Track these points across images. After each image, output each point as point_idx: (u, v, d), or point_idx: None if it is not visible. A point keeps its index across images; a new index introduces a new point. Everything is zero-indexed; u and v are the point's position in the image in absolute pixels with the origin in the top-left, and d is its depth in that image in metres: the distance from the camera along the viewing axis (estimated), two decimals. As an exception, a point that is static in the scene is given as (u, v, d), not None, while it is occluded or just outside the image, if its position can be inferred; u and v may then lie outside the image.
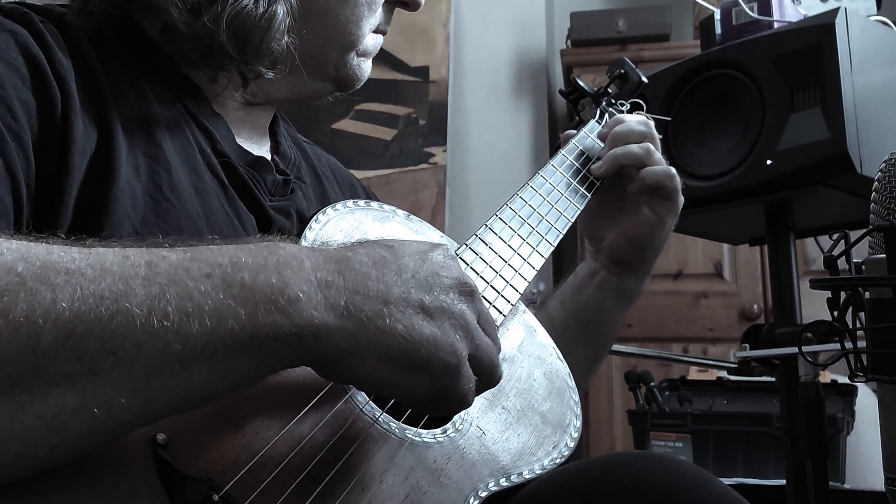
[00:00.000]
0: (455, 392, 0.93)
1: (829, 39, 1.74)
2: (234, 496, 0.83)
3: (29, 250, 0.76)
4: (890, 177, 1.10)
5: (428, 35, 4.59)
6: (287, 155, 1.36)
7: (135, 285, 0.76)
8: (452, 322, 0.92)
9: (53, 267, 0.74)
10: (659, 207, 1.51)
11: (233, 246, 0.85)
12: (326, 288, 0.85)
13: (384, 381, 0.89)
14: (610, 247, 1.56)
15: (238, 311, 0.80)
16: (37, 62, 1.04)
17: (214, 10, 1.15)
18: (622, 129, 1.54)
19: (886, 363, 1.07)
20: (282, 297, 0.82)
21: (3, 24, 1.06)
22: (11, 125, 0.97)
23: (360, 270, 0.89)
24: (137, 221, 1.04)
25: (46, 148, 1.00)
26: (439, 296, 0.93)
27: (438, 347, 0.90)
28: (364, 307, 0.87)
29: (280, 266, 0.84)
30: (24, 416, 0.71)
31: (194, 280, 0.79)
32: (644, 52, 4.24)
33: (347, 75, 1.32)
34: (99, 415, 0.74)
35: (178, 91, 1.21)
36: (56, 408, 0.72)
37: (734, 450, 2.67)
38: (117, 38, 1.19)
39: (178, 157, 1.15)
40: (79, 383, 0.73)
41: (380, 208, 1.27)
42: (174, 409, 0.80)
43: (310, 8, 1.24)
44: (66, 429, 0.73)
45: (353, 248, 0.94)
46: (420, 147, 4.52)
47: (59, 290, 0.73)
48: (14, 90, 0.99)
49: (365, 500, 0.92)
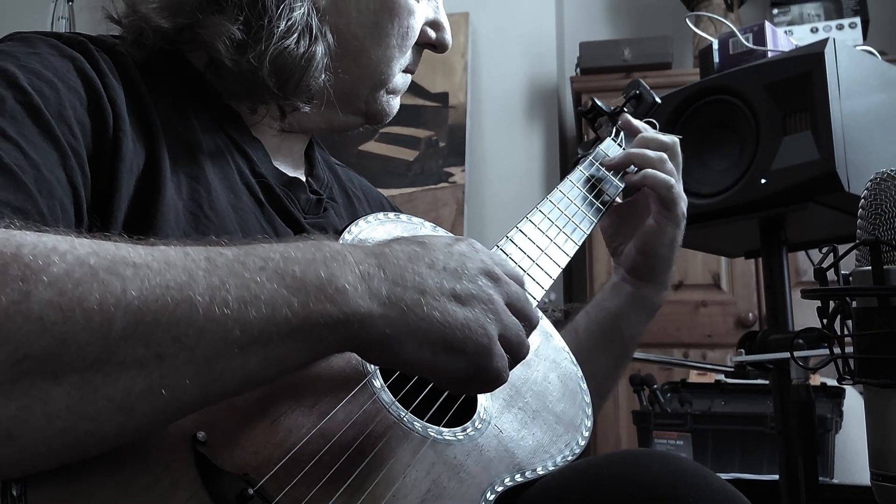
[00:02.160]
0: (490, 370, 0.95)
1: (818, 68, 1.74)
2: (269, 490, 0.84)
3: (100, 246, 0.77)
4: (875, 195, 1.10)
5: (447, 63, 4.60)
6: (320, 177, 1.37)
7: (197, 277, 0.78)
8: (482, 307, 0.94)
9: (122, 260, 0.76)
10: (658, 215, 1.52)
11: (283, 243, 0.87)
12: (369, 279, 0.87)
13: (425, 363, 0.91)
14: (625, 258, 1.58)
15: (291, 299, 0.81)
16: (93, 86, 1.06)
17: (259, 48, 1.17)
18: (649, 133, 1.58)
19: (871, 367, 1.07)
20: (330, 287, 0.84)
21: (63, 50, 1.07)
22: (72, 142, 0.99)
23: (397, 264, 0.91)
24: (180, 236, 1.05)
25: (99, 164, 1.02)
26: (468, 283, 0.95)
27: (472, 330, 0.92)
28: (404, 296, 0.88)
29: (327, 260, 0.85)
30: (96, 397, 0.72)
31: (250, 272, 0.81)
32: (647, 79, 4.15)
33: (377, 111, 1.33)
34: (165, 396, 0.75)
35: (220, 119, 1.23)
36: (125, 390, 0.73)
37: (731, 447, 2.66)
38: (166, 69, 1.20)
39: (217, 178, 1.16)
40: (147, 367, 0.74)
41: (408, 220, 1.28)
42: (233, 392, 0.82)
43: (346, 48, 1.25)
44: (134, 409, 0.74)
45: (389, 244, 0.95)
46: (440, 167, 4.52)
47: (128, 281, 0.74)
48: (73, 111, 1.01)
49: (390, 494, 0.93)
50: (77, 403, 0.71)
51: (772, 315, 1.97)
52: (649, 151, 1.53)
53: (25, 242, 0.73)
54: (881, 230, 1.08)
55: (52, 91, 1.00)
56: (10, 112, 0.95)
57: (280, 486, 0.85)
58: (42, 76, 1.01)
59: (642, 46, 4.41)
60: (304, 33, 1.19)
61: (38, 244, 0.74)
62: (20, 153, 0.92)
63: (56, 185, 0.94)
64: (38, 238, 0.75)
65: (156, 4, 1.19)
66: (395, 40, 1.28)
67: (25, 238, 0.74)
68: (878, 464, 1.06)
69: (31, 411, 0.70)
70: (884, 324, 1.06)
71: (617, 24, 5.10)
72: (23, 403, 0.69)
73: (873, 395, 1.07)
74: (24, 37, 1.09)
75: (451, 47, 1.40)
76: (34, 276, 0.71)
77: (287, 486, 0.85)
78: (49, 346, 0.70)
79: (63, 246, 0.75)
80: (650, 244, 1.53)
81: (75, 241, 0.76)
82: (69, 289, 0.72)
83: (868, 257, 1.08)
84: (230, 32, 1.16)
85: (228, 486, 0.81)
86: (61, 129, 0.98)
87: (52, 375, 0.70)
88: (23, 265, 0.71)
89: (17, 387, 0.69)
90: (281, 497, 0.84)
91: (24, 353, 0.69)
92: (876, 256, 1.07)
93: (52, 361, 0.70)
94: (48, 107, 0.98)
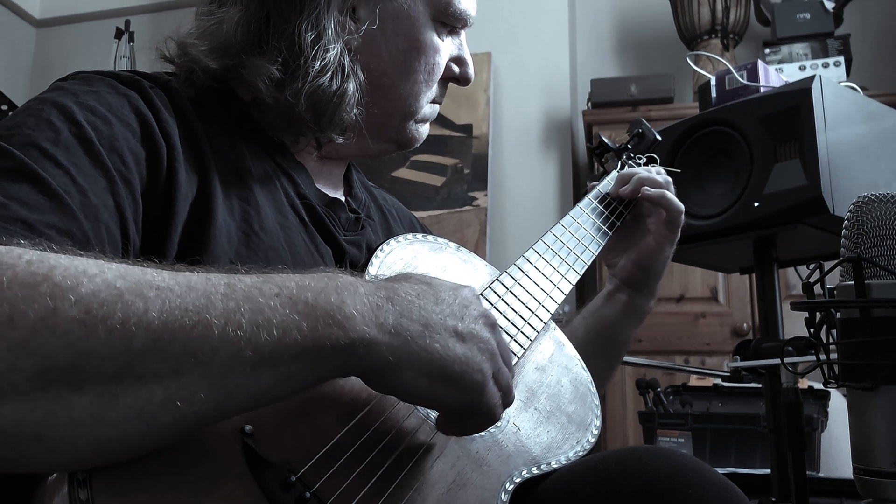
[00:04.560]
0: (482, 405, 0.94)
1: (806, 102, 1.74)
2: (310, 478, 0.84)
3: (127, 270, 0.77)
4: (857, 216, 1.10)
5: (471, 98, 4.61)
6: (358, 197, 1.38)
7: (215, 300, 0.78)
8: (480, 346, 0.94)
9: (147, 283, 0.76)
10: (660, 236, 1.53)
11: (299, 273, 0.87)
12: (377, 309, 0.86)
13: (422, 392, 0.90)
14: (621, 270, 1.59)
15: (301, 323, 0.81)
16: (146, 120, 1.06)
17: (295, 86, 1.17)
18: (645, 172, 1.59)
19: (854, 372, 1.07)
20: (339, 314, 0.83)
21: (118, 89, 1.08)
22: (122, 171, 0.99)
23: (405, 298, 0.90)
24: (232, 254, 1.06)
25: (153, 191, 1.02)
26: (469, 324, 0.94)
27: (468, 366, 0.91)
28: (408, 328, 0.87)
29: (339, 289, 0.85)
30: (117, 405, 0.72)
31: (265, 297, 0.80)
32: (652, 112, 4.23)
33: (406, 139, 1.33)
34: (182, 407, 0.75)
35: (267, 147, 1.23)
36: (145, 400, 0.73)
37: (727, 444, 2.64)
38: (216, 105, 1.21)
39: (266, 200, 1.16)
40: (164, 380, 0.74)
41: (434, 241, 1.28)
42: (246, 407, 0.81)
43: (376, 84, 1.25)
44: (154, 418, 0.74)
45: (399, 280, 0.95)
46: (465, 192, 4.52)
47: (150, 302, 0.74)
48: (126, 142, 1.02)
49: (418, 483, 0.93)
50: (99, 411, 0.72)
51: (764, 325, 1.97)
52: (660, 178, 1.54)
53: (58, 265, 0.74)
54: (863, 248, 1.08)
55: (105, 125, 1.01)
56: (64, 143, 0.95)
57: (320, 475, 0.85)
58: (97, 112, 1.02)
59: (647, 83, 4.40)
60: (337, 72, 1.20)
61: (70, 266, 0.74)
62: (69, 179, 0.93)
63: (102, 210, 0.95)
64: (71, 261, 0.75)
65: (204, 47, 1.20)
66: (422, 76, 1.28)
67: (59, 260, 0.75)
68: (859, 459, 1.06)
69: (57, 417, 0.70)
70: (865, 333, 1.06)
71: (624, 63, 5.10)
72: (49, 410, 0.70)
73: (855, 397, 1.07)
74: (85, 76, 1.09)
75: (474, 83, 1.40)
76: (62, 295, 0.71)
77: (326, 475, 0.86)
78: (73, 358, 0.70)
79: (93, 269, 0.75)
80: (648, 260, 1.55)
81: (105, 265, 0.77)
82: (95, 308, 0.72)
83: (851, 273, 1.08)
84: (269, 72, 1.17)
85: (273, 474, 0.82)
86: (112, 158, 0.98)
87: (75, 385, 0.71)
88: (52, 284, 0.72)
89: (43, 395, 0.70)
90: (321, 484, 0.84)
91: (50, 364, 0.70)
92: (858, 272, 1.07)
93: (75, 373, 0.71)
94: (100, 138, 0.99)
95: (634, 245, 1.57)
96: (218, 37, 1.21)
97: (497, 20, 4.74)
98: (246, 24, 1.20)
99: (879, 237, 1.07)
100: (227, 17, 1.21)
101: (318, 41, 1.18)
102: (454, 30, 1.33)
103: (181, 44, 1.23)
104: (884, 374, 1.03)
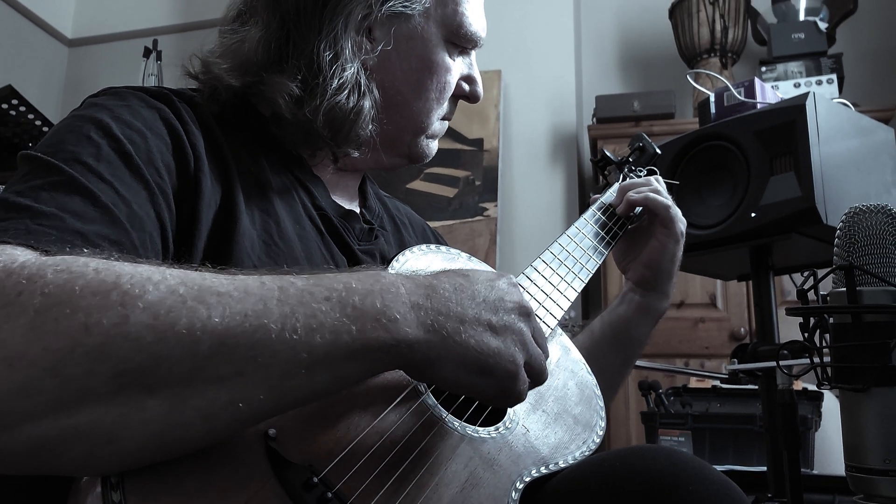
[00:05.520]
0: (514, 391, 0.95)
1: (800, 117, 1.74)
2: (331, 479, 0.84)
3: (188, 276, 0.78)
4: (849, 226, 1.10)
5: (483, 114, 4.61)
6: (372, 208, 1.38)
7: (271, 305, 0.78)
8: (513, 337, 0.95)
9: (208, 289, 0.77)
10: (661, 235, 1.54)
11: (345, 273, 0.88)
12: (418, 309, 0.87)
13: (460, 383, 0.91)
14: (633, 272, 1.59)
15: (351, 327, 0.82)
16: (176, 132, 1.07)
17: (314, 103, 1.18)
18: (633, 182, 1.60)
19: (846, 374, 1.07)
20: (384, 318, 0.84)
21: (150, 102, 1.09)
22: (159, 182, 1.00)
23: (443, 295, 0.91)
24: (255, 260, 1.06)
25: (182, 201, 1.03)
26: (504, 316, 0.95)
27: (502, 357, 0.92)
28: (446, 325, 0.89)
29: (383, 292, 0.86)
30: (185, 407, 0.73)
31: (317, 302, 0.81)
32: (654, 127, 4.23)
33: (418, 153, 1.34)
34: (243, 408, 0.76)
35: (286, 161, 1.24)
36: (209, 401, 0.74)
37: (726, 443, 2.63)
38: (238, 120, 1.21)
39: (284, 211, 1.16)
40: (228, 382, 0.75)
41: (447, 251, 1.28)
42: (300, 403, 0.83)
43: (390, 101, 1.26)
44: (217, 418, 0.75)
45: (438, 276, 0.95)
46: (476, 203, 4.52)
47: (212, 308, 0.75)
48: (160, 155, 1.02)
49: (434, 482, 0.93)
50: (168, 412, 0.72)
51: (760, 330, 1.96)
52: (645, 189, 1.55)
53: (124, 272, 0.75)
54: (854, 257, 1.09)
55: (141, 138, 1.01)
56: (106, 157, 0.96)
57: (340, 476, 0.85)
58: (132, 126, 1.02)
59: (649, 99, 4.40)
60: (354, 90, 1.20)
61: (135, 274, 0.75)
62: (115, 192, 0.93)
63: (146, 220, 0.96)
64: (135, 269, 0.76)
65: (226, 65, 1.21)
66: (433, 94, 1.29)
67: (124, 268, 0.75)
68: (851, 457, 1.06)
69: (130, 418, 0.71)
70: (857, 337, 1.06)
71: (627, 80, 5.10)
72: (122, 411, 0.71)
73: (847, 398, 1.08)
74: (116, 91, 1.10)
75: (485, 99, 1.41)
76: (131, 302, 0.72)
77: (346, 476, 0.86)
78: (145, 362, 0.71)
79: (156, 276, 0.76)
80: (655, 259, 1.54)
81: (167, 272, 0.77)
82: (162, 314, 0.73)
83: (843, 280, 1.08)
84: (289, 90, 1.18)
85: (296, 475, 0.82)
86: (149, 171, 0.99)
87: (147, 388, 0.71)
88: (122, 292, 0.73)
89: (117, 397, 0.70)
90: (342, 485, 0.84)
91: (124, 368, 0.70)
92: (850, 279, 1.07)
93: (147, 376, 0.71)
94: (138, 152, 0.99)
95: (642, 247, 1.57)
96: (240, 55, 1.21)
97: (507, 40, 4.75)
98: (267, 42, 1.21)
99: (870, 246, 1.08)
100: (249, 35, 1.22)
101: (336, 60, 1.19)
102: (465, 50, 1.33)
103: (205, 62, 1.24)
104: (874, 377, 1.04)
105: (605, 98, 4.51)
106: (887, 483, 1.02)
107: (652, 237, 1.55)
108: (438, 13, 1.27)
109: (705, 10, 4.46)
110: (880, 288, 1.06)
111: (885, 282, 1.06)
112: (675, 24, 4.62)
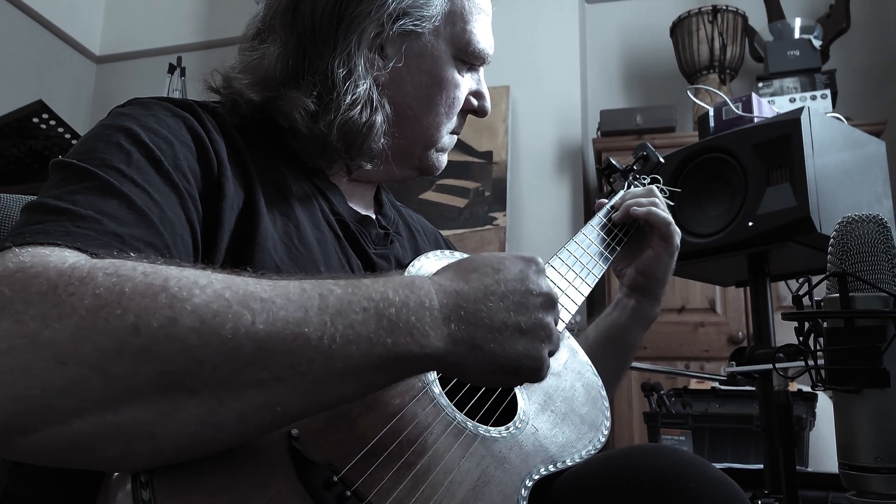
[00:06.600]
0: (536, 379, 0.96)
1: (796, 131, 1.74)
2: (350, 478, 0.84)
3: (232, 280, 0.78)
4: (842, 235, 1.10)
5: (492, 127, 4.61)
6: (388, 215, 1.38)
7: (311, 314, 0.78)
8: (541, 334, 0.94)
9: (252, 295, 0.76)
10: (658, 248, 1.53)
11: (381, 280, 0.86)
12: (448, 323, 0.87)
13: (487, 383, 0.93)
14: (627, 278, 1.59)
15: (386, 340, 0.81)
16: (201, 140, 1.07)
17: (328, 117, 1.18)
18: (633, 194, 1.60)
19: (839, 376, 1.07)
20: (416, 332, 0.84)
21: (175, 111, 1.09)
22: (187, 187, 1.00)
23: (474, 304, 0.90)
24: (276, 261, 1.06)
25: (207, 204, 1.03)
26: (532, 315, 0.93)
27: (528, 357, 0.92)
28: (475, 335, 0.88)
29: (417, 306, 0.85)
30: (222, 409, 0.73)
31: (354, 312, 0.80)
32: (655, 140, 4.22)
33: (428, 166, 1.34)
34: (277, 411, 0.76)
35: (305, 171, 1.24)
36: (245, 404, 0.74)
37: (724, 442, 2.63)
38: (258, 132, 1.22)
39: (304, 216, 1.17)
40: (265, 387, 0.74)
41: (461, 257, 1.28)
42: (329, 407, 0.82)
43: (401, 116, 1.26)
44: (252, 420, 0.75)
45: (469, 277, 0.93)
46: (486, 212, 4.52)
47: (256, 314, 0.75)
48: (186, 161, 1.03)
49: (448, 480, 0.93)
50: (206, 413, 0.72)
51: (757, 334, 1.96)
52: (642, 199, 1.54)
53: (171, 275, 0.74)
54: (847, 264, 1.08)
55: (168, 146, 1.02)
56: (137, 163, 0.96)
57: (359, 474, 0.85)
58: (159, 133, 1.02)
59: (651, 113, 4.40)
60: (366, 105, 1.20)
61: (182, 277, 0.75)
62: (148, 197, 0.93)
63: (177, 223, 0.96)
64: (181, 272, 0.76)
65: (247, 80, 1.22)
66: (443, 109, 1.29)
67: (170, 272, 0.75)
68: (845, 455, 1.06)
69: (169, 417, 0.71)
70: (849, 341, 1.06)
71: (630, 95, 5.10)
72: (162, 410, 0.70)
73: (841, 399, 1.07)
74: (142, 102, 1.10)
75: (494, 113, 1.41)
76: (179, 305, 0.72)
77: (365, 474, 0.86)
78: (188, 364, 0.71)
79: (203, 280, 0.75)
80: (650, 268, 1.54)
81: (212, 276, 0.77)
82: (208, 318, 0.72)
83: (837, 286, 1.08)
84: (305, 104, 1.18)
85: (317, 474, 0.82)
86: (178, 176, 0.99)
87: (188, 389, 0.71)
88: (170, 295, 0.72)
89: (159, 397, 0.70)
90: (360, 483, 0.84)
91: (168, 368, 0.70)
92: (843, 286, 1.07)
93: (189, 378, 0.71)
94: (166, 158, 0.99)
95: (637, 255, 1.57)
96: (259, 71, 1.22)
97: (515, 57, 4.75)
98: (284, 59, 1.21)
99: (862, 254, 1.08)
100: (268, 53, 1.22)
101: (350, 77, 1.19)
102: (473, 67, 1.33)
103: (226, 77, 1.25)
104: (866, 378, 1.04)
105: (609, 112, 4.51)
106: (879, 480, 1.02)
107: (649, 247, 1.54)
108: (448, 31, 1.27)
109: (705, 28, 4.46)
110: (872, 294, 1.06)
111: (877, 288, 1.06)
112: (676, 41, 4.62)
